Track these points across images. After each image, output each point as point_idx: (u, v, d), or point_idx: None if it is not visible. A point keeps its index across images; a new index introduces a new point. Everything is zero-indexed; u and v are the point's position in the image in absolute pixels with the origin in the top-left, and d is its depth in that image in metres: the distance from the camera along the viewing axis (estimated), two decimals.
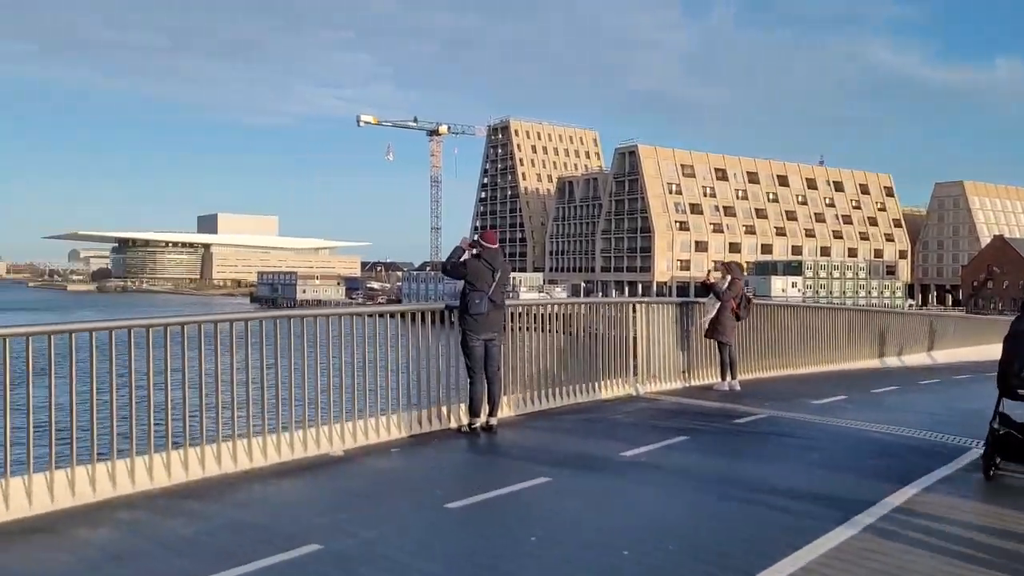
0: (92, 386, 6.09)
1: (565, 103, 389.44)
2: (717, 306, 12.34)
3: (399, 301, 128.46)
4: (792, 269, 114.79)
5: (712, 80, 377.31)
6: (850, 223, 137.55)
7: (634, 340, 11.60)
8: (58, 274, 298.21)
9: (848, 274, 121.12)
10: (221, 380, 6.90)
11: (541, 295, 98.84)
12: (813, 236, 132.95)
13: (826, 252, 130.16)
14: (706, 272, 15.08)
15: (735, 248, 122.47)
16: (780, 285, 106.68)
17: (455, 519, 5.81)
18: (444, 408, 8.89)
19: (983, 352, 21.31)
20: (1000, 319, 26.77)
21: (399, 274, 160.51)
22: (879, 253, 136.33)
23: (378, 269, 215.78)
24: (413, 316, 8.85)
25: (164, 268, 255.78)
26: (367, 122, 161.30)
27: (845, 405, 11.38)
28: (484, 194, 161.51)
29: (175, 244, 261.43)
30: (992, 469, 6.90)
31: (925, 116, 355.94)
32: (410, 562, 4.92)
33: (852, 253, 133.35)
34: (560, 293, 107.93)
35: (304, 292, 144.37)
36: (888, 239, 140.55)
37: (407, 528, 5.61)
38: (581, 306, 11.51)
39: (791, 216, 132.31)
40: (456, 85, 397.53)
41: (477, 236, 9.08)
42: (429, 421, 8.71)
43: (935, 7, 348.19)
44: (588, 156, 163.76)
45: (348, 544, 5.16)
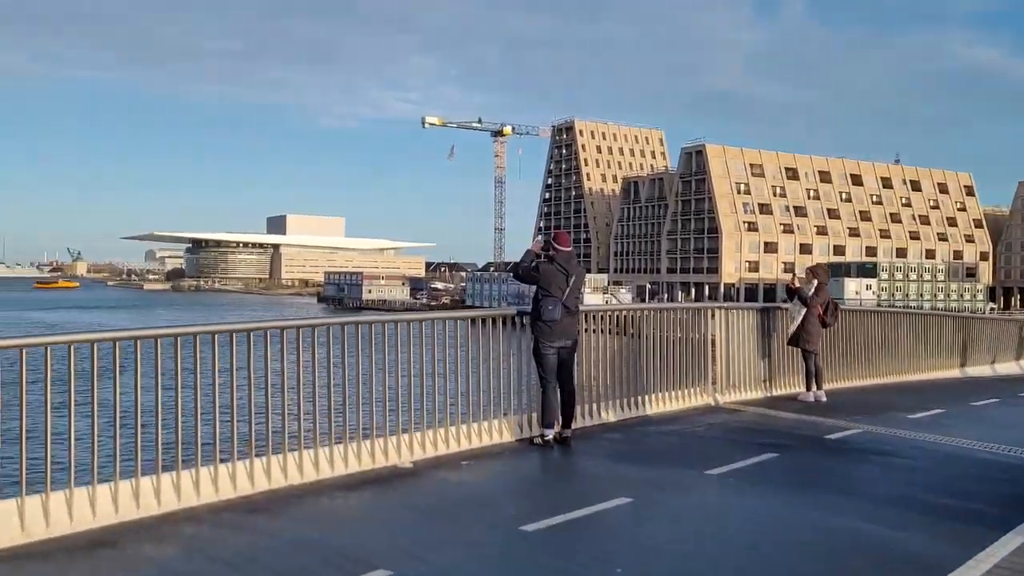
0: (157, 394, 5.87)
1: (631, 103, 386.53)
2: (803, 312, 11.67)
3: (463, 302, 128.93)
4: (866, 271, 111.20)
5: (782, 78, 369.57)
6: (927, 224, 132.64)
7: (712, 347, 11.04)
8: (135, 274, 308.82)
9: (925, 276, 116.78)
10: (288, 388, 6.65)
11: (607, 296, 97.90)
12: (888, 237, 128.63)
13: (902, 254, 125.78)
14: (791, 276, 14.25)
15: (806, 249, 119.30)
16: (854, 288, 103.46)
17: (532, 544, 5.40)
18: (515, 418, 8.51)
19: None
20: None
21: (463, 275, 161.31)
22: (959, 255, 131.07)
23: (442, 270, 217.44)
24: (483, 321, 8.48)
25: (235, 268, 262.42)
26: (432, 124, 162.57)
27: (944, 420, 10.60)
28: (548, 195, 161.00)
29: (245, 245, 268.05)
30: None
31: (1008, 112, 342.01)
32: None
33: (930, 255, 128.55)
34: (625, 295, 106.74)
35: (370, 292, 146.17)
36: (968, 240, 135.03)
37: (481, 553, 5.23)
38: (656, 312, 10.97)
39: (865, 216, 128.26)
40: (521, 86, 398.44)
41: (549, 238, 8.64)
42: (500, 432, 8.33)
43: None
44: (654, 156, 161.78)
45: (419, 571, 4.81)
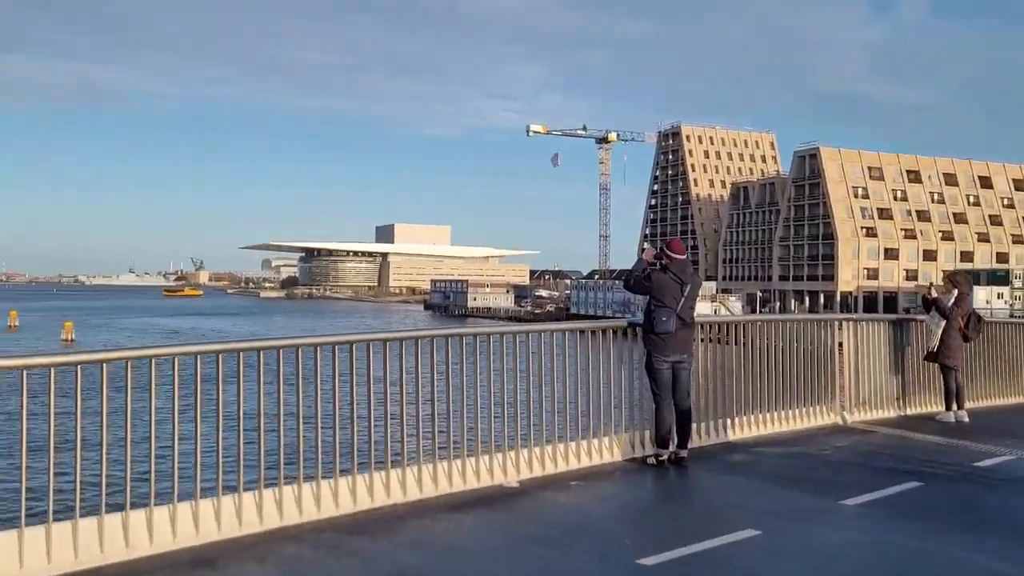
0: (259, 407, 5.72)
1: (739, 106, 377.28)
2: (942, 325, 10.67)
3: (567, 309, 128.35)
4: (998, 279, 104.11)
5: (902, 77, 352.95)
6: None
7: (838, 361, 10.22)
8: (252, 282, 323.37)
9: None
10: (391, 401, 6.40)
11: (715, 305, 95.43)
12: (1022, 242, 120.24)
13: None
14: (927, 285, 12.77)
15: (930, 255, 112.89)
16: (983, 296, 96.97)
17: None
18: (627, 436, 8.02)
19: None
20: None
21: (567, 282, 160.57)
22: None
23: (546, 277, 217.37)
24: (593, 333, 8.03)
25: (345, 276, 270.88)
26: (536, 132, 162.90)
27: None
28: (654, 201, 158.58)
29: (355, 253, 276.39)
30: None
31: None
32: None
33: None
34: (734, 303, 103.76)
35: (475, 300, 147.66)
36: None
37: None
38: (777, 323, 10.20)
39: (995, 221, 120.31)
40: (626, 93, 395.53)
41: (662, 246, 8.12)
42: (611, 451, 7.86)
43: None
44: (764, 160, 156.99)
45: None
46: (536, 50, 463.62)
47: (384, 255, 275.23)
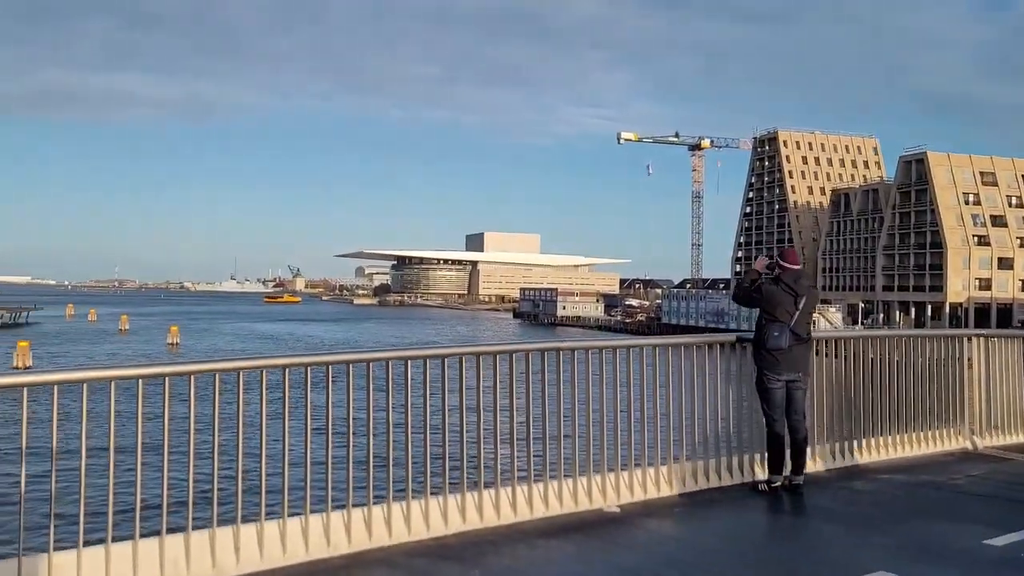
0: (348, 423, 5.46)
1: (838, 111, 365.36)
2: None
3: (658, 319, 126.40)
4: None
5: (1016, 77, 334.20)
6: None
7: (967, 381, 9.34)
8: (346, 289, 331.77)
9: None
10: (483, 417, 6.06)
11: (815, 316, 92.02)
12: None
13: None
14: None
15: None
16: None
17: None
18: (736, 459, 7.46)
19: None
20: None
21: (658, 291, 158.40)
22: None
23: (636, 286, 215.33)
24: (699, 348, 7.50)
25: (436, 284, 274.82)
26: (627, 139, 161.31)
27: None
28: (749, 209, 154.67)
29: (446, 261, 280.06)
30: None
31: None
32: None
33: None
34: (835, 314, 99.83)
35: (564, 308, 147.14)
36: None
37: None
38: (901, 339, 9.38)
39: None
40: (719, 98, 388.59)
41: (775, 256, 7.53)
42: (718, 474, 7.32)
43: None
44: (867, 166, 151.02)
45: None
46: (624, 57, 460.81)
47: (474, 263, 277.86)
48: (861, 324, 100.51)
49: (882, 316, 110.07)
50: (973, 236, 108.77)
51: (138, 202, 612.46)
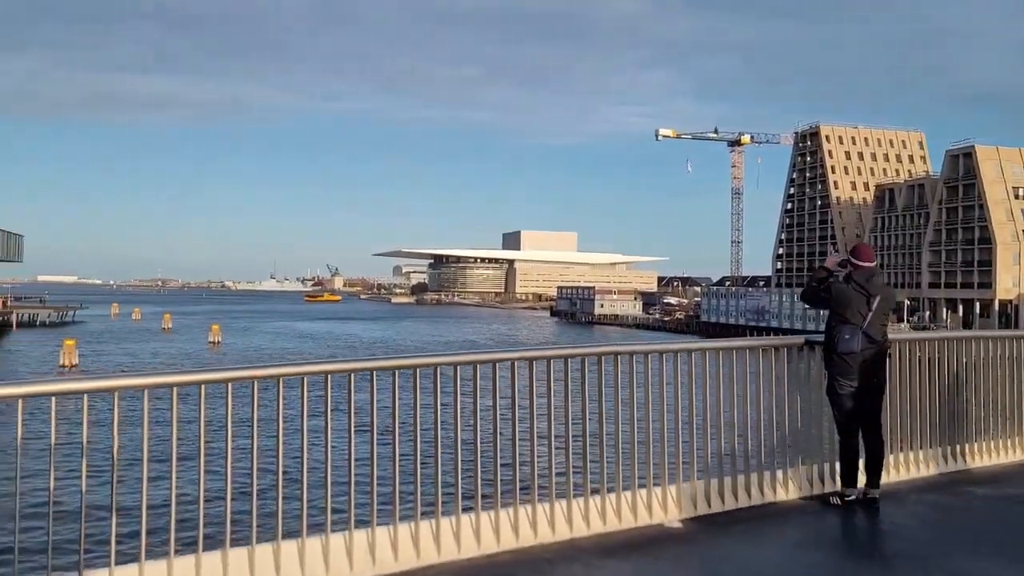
0: (395, 433, 5.09)
1: (881, 105, 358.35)
2: None
3: (697, 317, 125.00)
4: None
5: None
6: None
7: None
8: (384, 288, 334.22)
9: None
10: (537, 427, 5.66)
11: None
12: None
13: None
14: None
15: None
16: None
17: None
18: (804, 471, 6.96)
19: None
20: None
21: (696, 289, 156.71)
22: None
23: (675, 284, 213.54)
24: (764, 351, 7.02)
25: (473, 282, 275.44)
26: (666, 136, 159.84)
27: None
28: (790, 205, 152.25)
29: (482, 260, 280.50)
30: None
31: None
32: None
33: None
34: None
35: (602, 307, 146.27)
36: None
37: None
38: (980, 340, 8.71)
39: None
40: (759, 94, 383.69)
41: (847, 253, 7.02)
42: (785, 487, 6.83)
43: None
44: (912, 160, 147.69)
45: None
46: (664, 54, 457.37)
47: (511, 262, 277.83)
48: (907, 322, 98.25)
49: (928, 314, 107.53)
50: (1023, 231, 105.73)
51: (180, 203, 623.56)
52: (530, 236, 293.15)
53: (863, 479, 6.71)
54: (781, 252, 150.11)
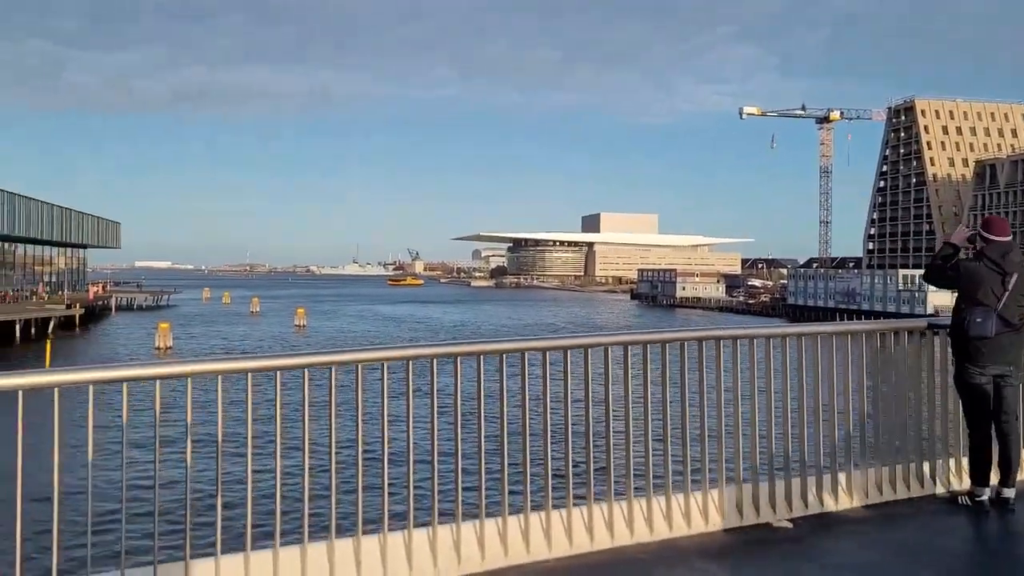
0: (480, 425, 4.74)
1: (981, 77, 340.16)
2: None
3: (783, 300, 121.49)
4: None
5: None
6: None
7: None
8: (463, 271, 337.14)
9: None
10: (632, 416, 5.22)
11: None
12: None
13: None
14: None
15: None
16: None
17: None
18: (928, 467, 6.33)
19: None
20: None
21: (782, 271, 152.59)
22: None
23: (759, 266, 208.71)
24: (882, 335, 6.39)
25: (552, 265, 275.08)
26: (750, 114, 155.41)
27: None
28: (883, 183, 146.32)
29: (562, 243, 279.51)
30: None
31: None
32: None
33: None
34: None
35: (684, 289, 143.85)
36: None
37: None
38: None
39: None
40: (849, 69, 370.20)
41: (978, 227, 6.31)
42: (906, 483, 6.21)
43: None
44: (1015, 134, 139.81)
45: None
46: (750, 30, 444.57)
47: (590, 244, 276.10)
48: None
49: None
50: None
51: (267, 190, 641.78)
52: (610, 218, 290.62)
53: (995, 477, 6.04)
54: (873, 232, 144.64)
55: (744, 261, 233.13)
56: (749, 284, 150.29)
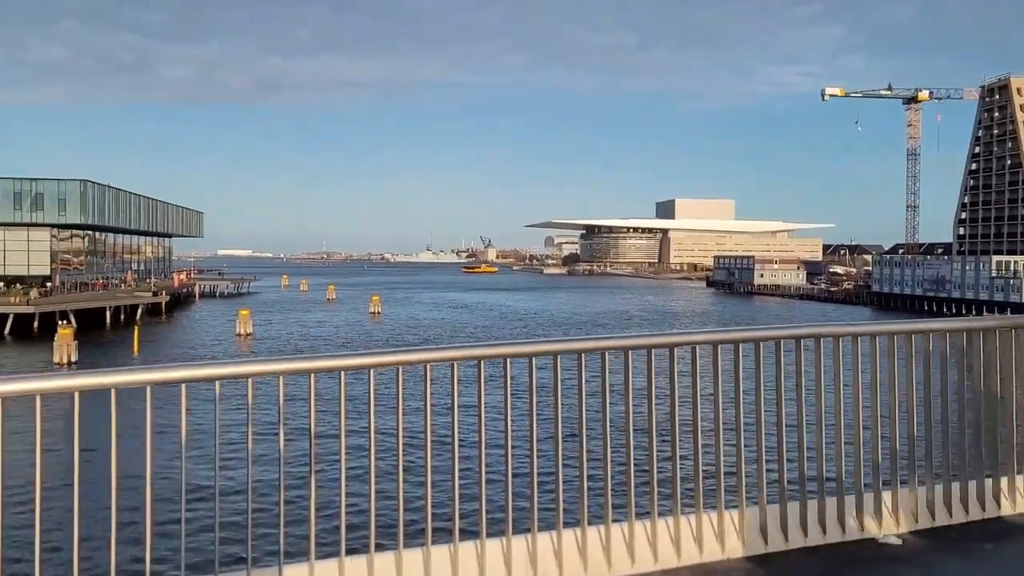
0: (557, 429, 4.38)
1: None
2: None
3: (868, 287, 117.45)
4: None
5: None
6: None
7: None
8: (536, 259, 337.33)
9: None
10: (724, 421, 4.79)
11: None
12: None
13: None
14: None
15: None
16: None
17: None
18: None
19: None
20: None
21: (867, 258, 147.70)
22: None
23: (841, 252, 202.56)
24: (1002, 332, 5.75)
25: (625, 253, 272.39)
26: (833, 95, 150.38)
27: None
28: (975, 165, 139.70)
29: (635, 230, 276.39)
30: None
31: None
32: None
33: None
34: None
35: (762, 276, 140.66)
36: None
37: None
38: None
39: None
40: (938, 46, 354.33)
41: None
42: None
43: None
44: None
45: None
46: (834, 8, 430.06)
47: (664, 231, 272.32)
48: None
49: None
50: None
51: (344, 179, 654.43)
52: (684, 204, 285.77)
53: None
54: (964, 217, 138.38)
55: (825, 247, 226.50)
56: (831, 271, 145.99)
